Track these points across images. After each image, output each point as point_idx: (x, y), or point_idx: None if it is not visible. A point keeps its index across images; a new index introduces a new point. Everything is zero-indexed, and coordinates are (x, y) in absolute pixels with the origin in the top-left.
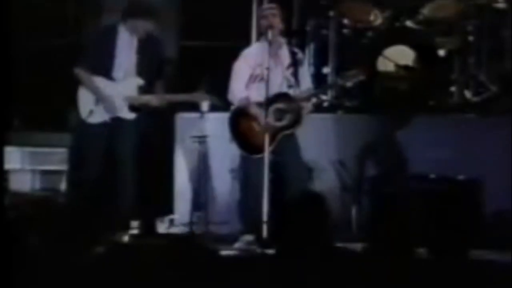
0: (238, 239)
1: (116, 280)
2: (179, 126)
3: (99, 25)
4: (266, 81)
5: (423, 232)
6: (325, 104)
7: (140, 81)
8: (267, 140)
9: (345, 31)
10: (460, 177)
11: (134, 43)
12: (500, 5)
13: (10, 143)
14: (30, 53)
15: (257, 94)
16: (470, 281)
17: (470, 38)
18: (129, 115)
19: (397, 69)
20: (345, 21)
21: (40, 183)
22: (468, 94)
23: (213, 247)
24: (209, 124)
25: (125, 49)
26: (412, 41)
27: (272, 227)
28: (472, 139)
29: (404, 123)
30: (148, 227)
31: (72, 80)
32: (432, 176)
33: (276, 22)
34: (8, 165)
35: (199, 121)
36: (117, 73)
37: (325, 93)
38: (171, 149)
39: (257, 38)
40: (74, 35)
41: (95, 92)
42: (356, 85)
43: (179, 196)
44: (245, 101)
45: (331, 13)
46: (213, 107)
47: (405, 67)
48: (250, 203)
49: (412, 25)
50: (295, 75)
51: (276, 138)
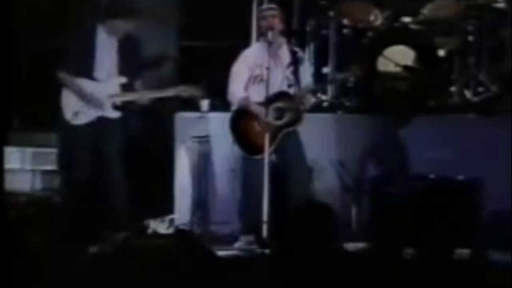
0: (238, 239)
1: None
2: (179, 126)
3: (78, 27)
4: (266, 81)
5: (423, 231)
6: (325, 104)
7: (122, 80)
8: (267, 139)
9: (345, 31)
10: (460, 177)
11: (114, 44)
12: (500, 5)
13: (10, 143)
14: (30, 53)
15: (257, 95)
16: (470, 281)
17: (470, 38)
18: (114, 114)
19: (397, 69)
20: (345, 21)
21: (40, 183)
22: (468, 94)
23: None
24: (209, 124)
25: (106, 50)
26: (412, 41)
27: (272, 227)
28: (472, 139)
29: (404, 123)
30: (142, 228)
31: None
32: (432, 176)
33: (276, 23)
34: (8, 165)
35: (199, 121)
36: (99, 74)
37: (324, 90)
38: (170, 149)
39: (257, 39)
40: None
41: (79, 93)
42: (356, 85)
43: (180, 196)
44: (245, 100)
45: (331, 13)
46: (213, 107)
47: (405, 67)
48: (250, 203)
49: (412, 25)
50: (295, 74)
51: (277, 137)
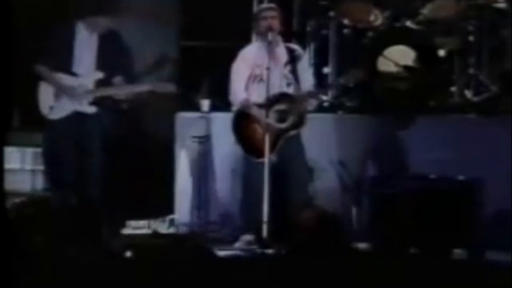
0: (238, 239)
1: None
2: (179, 126)
3: (58, 23)
4: (266, 82)
5: (423, 232)
6: (326, 104)
7: (100, 75)
8: (267, 141)
9: (345, 31)
10: (460, 177)
11: (95, 39)
12: (500, 5)
13: (10, 143)
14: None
15: (257, 96)
16: (470, 281)
17: (470, 38)
18: (90, 109)
19: (397, 69)
20: (345, 21)
21: (40, 183)
22: (468, 94)
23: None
24: (209, 124)
25: (85, 46)
26: (412, 41)
27: (272, 227)
28: (472, 139)
29: (404, 123)
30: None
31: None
32: (432, 176)
33: (275, 24)
34: (8, 165)
35: (200, 121)
36: (78, 69)
37: (325, 92)
38: (170, 149)
39: (255, 38)
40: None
41: (57, 86)
42: (356, 85)
43: (180, 196)
44: (245, 103)
45: (331, 13)
46: (214, 107)
47: (405, 67)
48: (250, 203)
49: (412, 25)
50: (294, 72)
51: (280, 140)
